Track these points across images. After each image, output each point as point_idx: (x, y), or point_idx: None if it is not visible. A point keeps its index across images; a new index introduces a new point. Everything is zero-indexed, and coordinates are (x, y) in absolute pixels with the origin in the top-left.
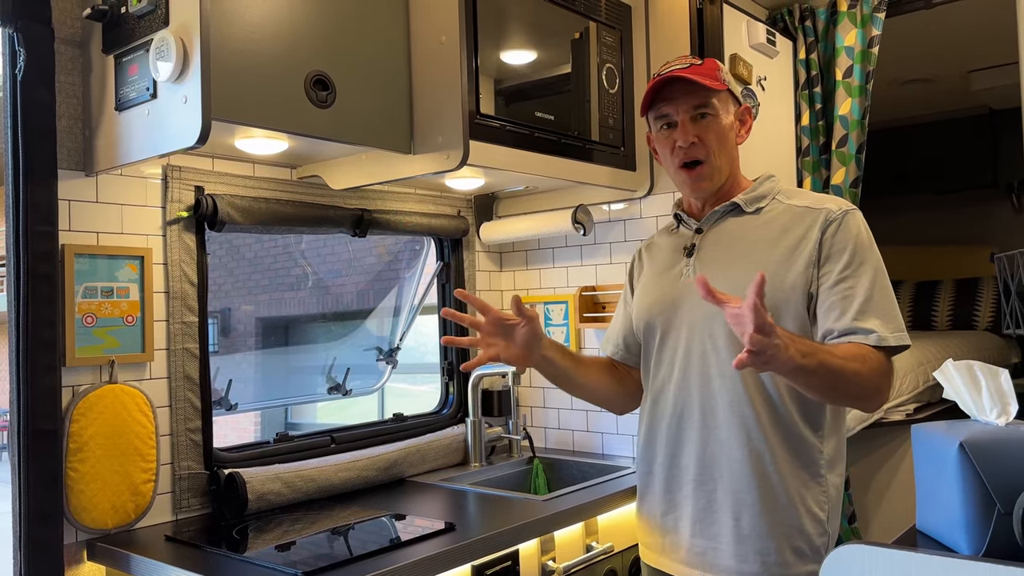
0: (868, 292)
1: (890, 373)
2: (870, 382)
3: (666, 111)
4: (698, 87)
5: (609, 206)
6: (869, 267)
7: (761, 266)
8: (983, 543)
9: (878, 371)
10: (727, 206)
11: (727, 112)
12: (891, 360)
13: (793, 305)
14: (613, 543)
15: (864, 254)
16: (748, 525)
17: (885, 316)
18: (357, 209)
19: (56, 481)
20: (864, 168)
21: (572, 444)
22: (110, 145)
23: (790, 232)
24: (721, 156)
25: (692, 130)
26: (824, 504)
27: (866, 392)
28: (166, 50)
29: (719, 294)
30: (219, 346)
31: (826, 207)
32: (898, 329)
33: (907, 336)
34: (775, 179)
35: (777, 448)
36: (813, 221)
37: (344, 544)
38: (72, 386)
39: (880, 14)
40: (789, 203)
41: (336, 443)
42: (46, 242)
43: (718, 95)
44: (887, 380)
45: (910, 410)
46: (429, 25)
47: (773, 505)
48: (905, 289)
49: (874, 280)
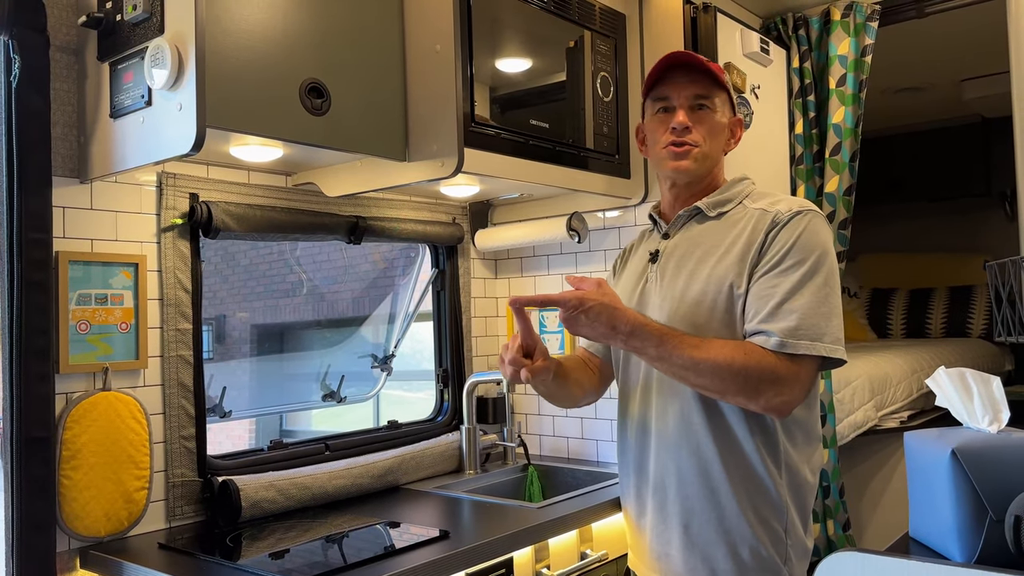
0: (788, 293)
1: (786, 379)
2: (745, 376)
3: (666, 94)
4: (702, 77)
5: (604, 213)
6: (801, 268)
7: (714, 273)
8: (975, 550)
9: (761, 371)
10: (691, 210)
11: (724, 113)
12: (799, 366)
13: (719, 301)
14: (607, 551)
15: (801, 254)
16: (696, 533)
17: (802, 320)
18: (352, 216)
19: (49, 489)
20: (857, 176)
21: (567, 451)
22: (105, 152)
23: (742, 236)
24: (712, 148)
25: (689, 116)
26: (777, 512)
27: (741, 388)
28: (161, 58)
29: (532, 297)
30: (214, 353)
31: (778, 208)
32: (815, 337)
33: (829, 346)
34: (747, 182)
35: (726, 457)
36: (763, 223)
37: (338, 552)
38: (65, 393)
39: (873, 23)
40: (751, 206)
41: (330, 450)
42: (40, 249)
43: (719, 93)
44: (778, 384)
45: (904, 417)
46: (424, 33)
47: (720, 514)
48: (899, 297)
49: (802, 281)
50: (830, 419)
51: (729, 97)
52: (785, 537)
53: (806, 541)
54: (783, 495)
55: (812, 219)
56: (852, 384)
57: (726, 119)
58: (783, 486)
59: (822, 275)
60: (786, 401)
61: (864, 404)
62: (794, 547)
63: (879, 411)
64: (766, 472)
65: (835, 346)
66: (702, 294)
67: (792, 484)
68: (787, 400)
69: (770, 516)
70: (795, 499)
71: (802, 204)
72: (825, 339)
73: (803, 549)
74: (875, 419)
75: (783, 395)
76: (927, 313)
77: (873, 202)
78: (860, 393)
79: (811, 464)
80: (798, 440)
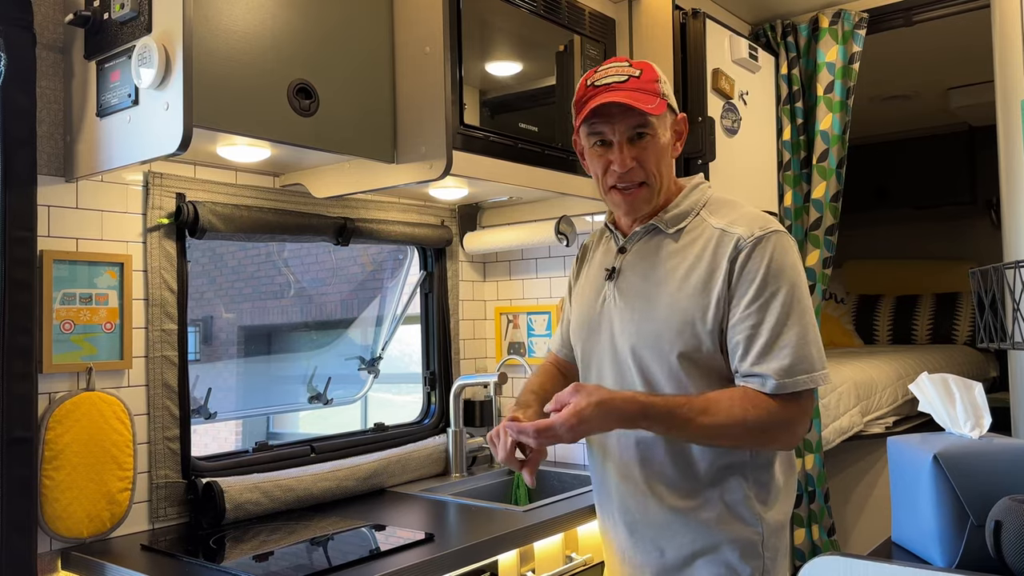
0: (775, 329)
1: (793, 418)
2: (759, 430)
3: (601, 129)
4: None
5: (592, 217)
6: (779, 299)
7: (675, 304)
8: (956, 555)
9: (771, 420)
10: (647, 227)
11: (665, 129)
12: (798, 401)
13: (706, 349)
14: (592, 555)
15: (775, 283)
16: (641, 534)
17: (795, 356)
18: (340, 218)
19: (30, 489)
20: (845, 183)
21: (553, 455)
22: (91, 151)
23: (702, 261)
24: (662, 175)
25: (629, 152)
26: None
27: (757, 439)
28: (148, 57)
29: (530, 432)
30: (200, 354)
31: (738, 232)
32: (810, 370)
33: (817, 375)
34: (702, 188)
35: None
36: (724, 249)
37: (323, 554)
38: (48, 393)
39: (861, 31)
40: (709, 221)
41: (316, 453)
42: (24, 248)
43: (657, 110)
44: (789, 426)
45: (889, 423)
46: (413, 35)
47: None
48: (885, 303)
49: (784, 312)
50: (816, 424)
51: (669, 104)
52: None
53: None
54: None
55: (777, 241)
56: (838, 390)
57: (668, 132)
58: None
59: (801, 301)
60: (797, 436)
61: (850, 409)
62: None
63: (864, 416)
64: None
65: (826, 371)
66: (665, 324)
67: (759, 483)
68: (798, 435)
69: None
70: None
71: (764, 224)
72: (817, 367)
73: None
74: (860, 424)
75: (796, 435)
76: (913, 320)
77: (860, 209)
78: (846, 398)
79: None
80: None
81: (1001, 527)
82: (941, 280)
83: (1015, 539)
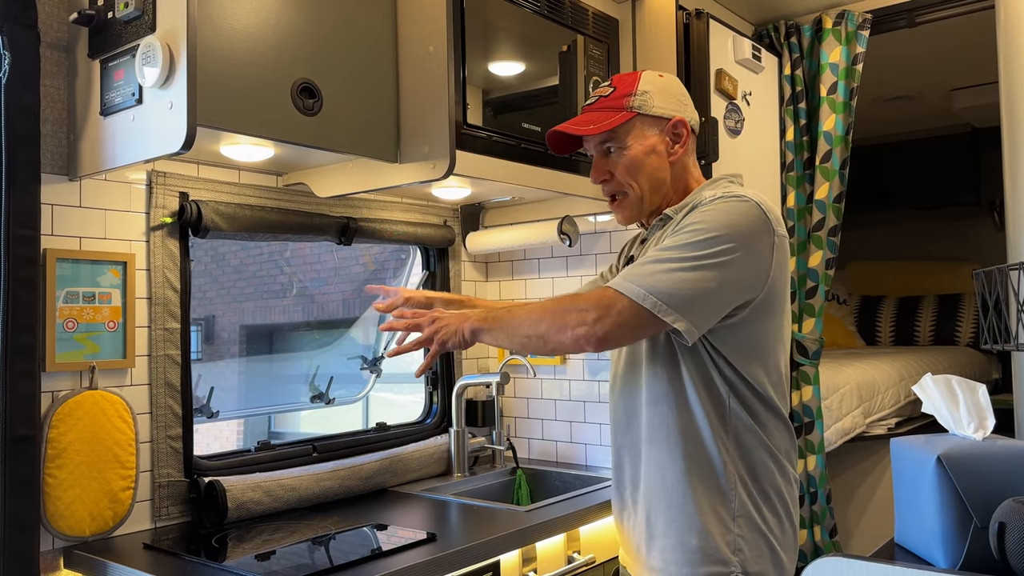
0: (651, 256)
1: (590, 308)
2: (552, 313)
3: (583, 148)
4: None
5: (595, 217)
6: (683, 237)
7: None
8: (960, 556)
9: (571, 301)
10: (663, 218)
11: (641, 137)
12: (612, 301)
13: None
14: (595, 555)
15: (692, 227)
16: (654, 523)
17: (641, 271)
18: (343, 217)
19: (33, 487)
20: (848, 184)
21: (555, 455)
22: (94, 150)
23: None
24: (641, 184)
25: (603, 166)
26: (724, 499)
27: (551, 322)
28: (152, 56)
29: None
30: (202, 353)
31: (705, 195)
32: (644, 286)
33: (653, 300)
34: (722, 181)
35: (681, 460)
36: (689, 210)
37: (325, 554)
38: (52, 392)
39: (864, 32)
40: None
41: (318, 452)
42: (27, 246)
43: (624, 127)
44: (581, 313)
45: (891, 424)
46: (417, 35)
47: (671, 503)
48: (887, 304)
49: (670, 247)
50: (818, 425)
51: (647, 115)
52: (733, 526)
53: (765, 530)
54: (731, 479)
55: (736, 203)
56: (840, 391)
57: (648, 140)
58: (732, 472)
59: (708, 250)
60: (590, 327)
61: (852, 411)
62: (746, 538)
63: (867, 418)
64: (718, 456)
65: (658, 301)
66: None
67: (747, 467)
68: (590, 326)
69: (717, 503)
70: (751, 481)
71: (740, 192)
72: (653, 292)
73: (764, 540)
74: (863, 426)
75: (586, 323)
76: (915, 321)
77: (863, 210)
78: (848, 400)
79: (772, 444)
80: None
81: (1005, 529)
82: (944, 281)
83: (1018, 541)
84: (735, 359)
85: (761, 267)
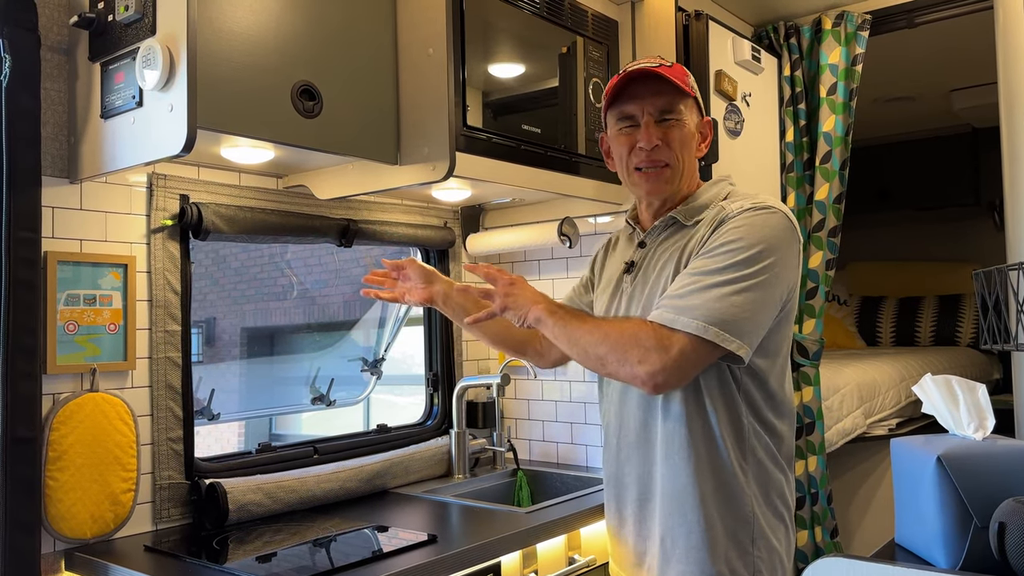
0: (694, 280)
1: (653, 348)
2: (613, 343)
3: (631, 111)
4: (666, 88)
5: (595, 219)
6: (722, 257)
7: (668, 280)
8: (960, 556)
9: (633, 336)
10: (667, 220)
11: (692, 120)
12: (672, 339)
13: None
14: (595, 556)
15: (730, 246)
16: (671, 546)
17: (694, 299)
18: (343, 219)
19: (34, 489)
20: (848, 185)
21: (556, 456)
22: (95, 152)
23: (695, 237)
24: (685, 162)
25: (656, 132)
26: (745, 524)
27: (611, 350)
28: (153, 58)
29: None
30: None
31: (730, 207)
32: (699, 318)
33: (714, 330)
34: (723, 183)
35: (702, 484)
36: (716, 220)
37: (326, 556)
38: (52, 394)
39: (864, 32)
40: (721, 205)
41: (319, 454)
42: (28, 249)
43: (685, 101)
44: (642, 351)
45: (892, 425)
46: (416, 37)
47: (690, 528)
48: (888, 305)
49: (714, 270)
50: (819, 426)
51: (696, 101)
52: (752, 549)
53: (778, 546)
54: (749, 501)
55: (767, 215)
56: (841, 391)
57: (695, 126)
58: (749, 495)
59: (751, 268)
60: (650, 371)
61: (853, 411)
62: (763, 559)
63: (868, 418)
64: (736, 478)
65: (720, 331)
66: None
67: (759, 484)
68: (651, 370)
69: (739, 529)
70: (764, 499)
71: (760, 202)
72: (712, 322)
73: (777, 556)
74: (863, 426)
75: (647, 363)
76: (916, 321)
77: (863, 211)
78: (849, 400)
79: (781, 453)
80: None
81: (1005, 529)
82: (944, 282)
83: (1019, 541)
84: (759, 365)
85: (793, 276)
